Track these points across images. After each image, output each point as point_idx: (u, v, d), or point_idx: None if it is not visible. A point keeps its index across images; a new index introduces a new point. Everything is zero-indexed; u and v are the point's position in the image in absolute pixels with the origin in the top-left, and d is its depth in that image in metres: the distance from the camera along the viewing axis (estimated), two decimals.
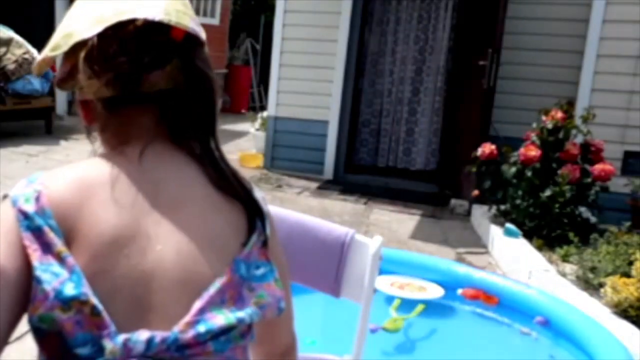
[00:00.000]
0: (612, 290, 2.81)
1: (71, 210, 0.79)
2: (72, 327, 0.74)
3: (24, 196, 0.79)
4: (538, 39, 5.30)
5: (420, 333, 2.83)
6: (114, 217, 0.80)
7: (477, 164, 4.53)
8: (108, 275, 0.77)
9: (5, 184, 4.77)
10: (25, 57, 6.71)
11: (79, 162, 0.86)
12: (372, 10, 6.31)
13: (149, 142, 0.87)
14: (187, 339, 0.78)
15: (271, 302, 0.86)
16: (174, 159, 0.88)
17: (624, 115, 4.94)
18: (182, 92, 0.87)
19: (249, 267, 0.85)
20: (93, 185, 0.81)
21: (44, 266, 0.75)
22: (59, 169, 0.84)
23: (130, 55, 0.84)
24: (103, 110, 0.88)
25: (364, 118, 6.50)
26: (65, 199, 0.79)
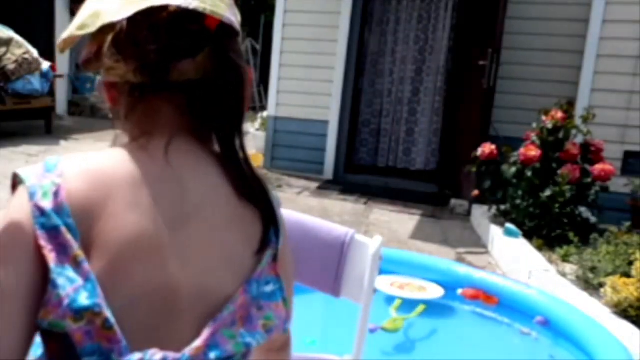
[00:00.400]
0: (612, 290, 2.81)
1: (92, 209, 0.73)
2: (81, 337, 0.70)
3: (42, 189, 0.73)
4: (538, 39, 5.30)
5: (420, 333, 2.83)
6: (136, 222, 0.75)
7: (477, 164, 4.53)
8: (124, 286, 0.73)
9: (5, 184, 4.77)
10: (25, 57, 6.71)
11: (100, 152, 0.81)
12: (372, 10, 6.31)
13: (173, 135, 0.82)
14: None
15: (278, 324, 0.83)
16: (199, 158, 0.84)
17: (624, 115, 4.94)
18: (212, 83, 0.83)
19: (259, 284, 0.82)
20: (116, 183, 0.76)
21: (60, 269, 0.70)
22: (80, 158, 0.78)
23: (160, 43, 0.79)
24: (129, 96, 0.83)
25: (364, 118, 6.51)
26: (86, 196, 0.74)
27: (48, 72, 7.03)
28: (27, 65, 6.71)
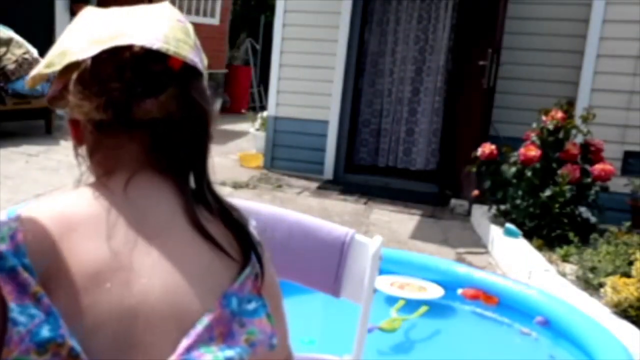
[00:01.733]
0: (612, 290, 2.81)
1: (48, 247, 0.75)
2: None
3: (0, 234, 0.75)
4: (538, 39, 5.30)
5: (420, 333, 2.83)
6: (94, 251, 0.76)
7: (477, 164, 4.54)
8: (89, 311, 0.73)
9: (5, 184, 4.77)
10: (25, 57, 6.71)
11: (61, 194, 0.83)
12: (372, 10, 6.31)
13: (136, 171, 0.84)
14: None
15: (262, 339, 0.82)
16: (161, 191, 0.84)
17: (624, 115, 4.94)
18: (176, 123, 0.84)
19: (241, 301, 0.81)
20: (73, 220, 0.79)
21: (20, 308, 0.71)
22: (40, 203, 0.81)
23: (124, 82, 0.81)
24: (93, 133, 0.85)
25: (364, 118, 6.51)
26: (41, 236, 0.76)
27: None
28: (27, 65, 6.71)
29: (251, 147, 7.10)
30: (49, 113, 7.17)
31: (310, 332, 2.54)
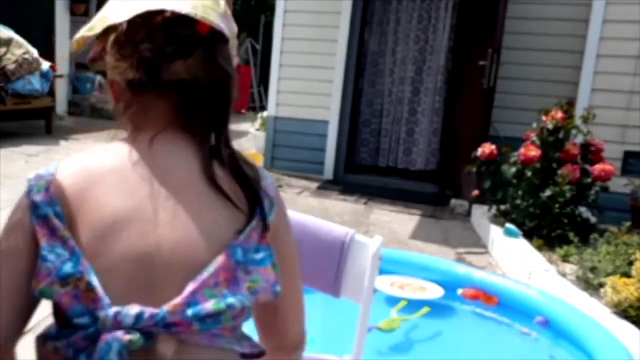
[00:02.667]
0: (612, 290, 2.81)
1: (74, 197, 0.87)
2: (69, 301, 0.83)
3: (37, 187, 0.89)
4: (538, 39, 5.30)
5: (420, 333, 2.83)
6: (115, 201, 0.87)
7: (477, 164, 4.54)
8: (107, 254, 0.84)
9: (5, 184, 4.77)
10: (25, 57, 6.71)
11: (94, 149, 0.95)
12: (372, 10, 6.31)
13: (162, 129, 0.93)
14: (174, 319, 0.84)
15: (265, 286, 0.90)
16: (182, 148, 0.93)
17: (624, 115, 4.94)
18: (201, 85, 0.92)
19: (246, 251, 0.89)
20: (99, 173, 0.89)
21: (50, 248, 0.85)
22: (74, 157, 0.93)
23: (154, 44, 0.90)
24: (126, 92, 0.94)
25: (364, 118, 6.51)
26: (69, 188, 0.88)
27: (48, 72, 7.03)
28: (27, 65, 6.71)
29: (251, 147, 7.10)
30: (49, 113, 7.17)
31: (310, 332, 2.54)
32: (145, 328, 0.83)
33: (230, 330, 0.90)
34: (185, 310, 0.84)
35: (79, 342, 0.84)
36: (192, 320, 0.84)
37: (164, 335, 0.84)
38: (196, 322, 0.85)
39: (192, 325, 0.85)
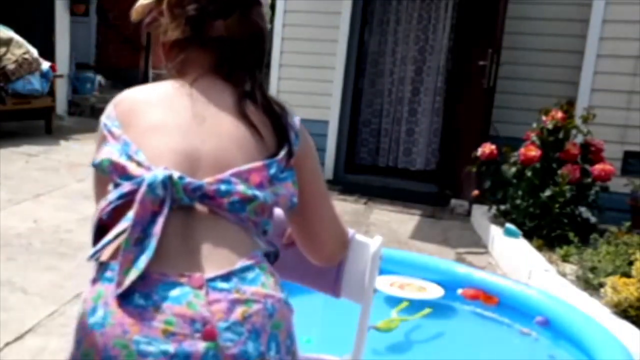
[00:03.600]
0: (612, 290, 2.81)
1: (128, 114, 1.08)
2: (122, 166, 1.02)
3: (106, 113, 1.12)
4: (538, 39, 5.30)
5: (420, 333, 2.83)
6: (161, 114, 1.07)
7: (477, 164, 4.54)
8: (153, 146, 1.03)
9: (5, 184, 4.77)
10: (25, 57, 6.71)
11: (149, 84, 1.16)
12: (372, 10, 6.31)
13: (202, 74, 1.11)
14: (209, 190, 0.99)
15: (285, 194, 1.07)
16: (220, 88, 1.10)
17: (624, 115, 4.94)
18: (238, 41, 1.11)
19: (277, 169, 1.05)
20: (148, 97, 1.11)
21: (114, 142, 1.06)
22: (129, 89, 1.14)
23: (200, 4, 1.09)
24: (175, 48, 1.13)
25: (364, 118, 6.50)
26: (124, 110, 1.09)
27: (48, 72, 7.03)
28: (27, 65, 6.71)
29: None
30: (49, 113, 7.17)
31: (309, 332, 2.54)
32: (184, 189, 0.98)
33: (252, 225, 1.03)
34: (220, 185, 0.99)
35: (127, 187, 1.00)
36: (224, 195, 0.99)
37: (199, 204, 1.00)
38: (227, 199, 0.99)
39: (223, 201, 0.99)
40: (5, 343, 2.50)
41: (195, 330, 0.90)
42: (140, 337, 0.89)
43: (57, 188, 4.87)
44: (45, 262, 3.38)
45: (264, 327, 0.95)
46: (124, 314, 0.91)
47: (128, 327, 0.90)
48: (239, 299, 0.94)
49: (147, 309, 0.91)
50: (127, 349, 0.90)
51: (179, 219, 0.99)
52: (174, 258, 0.96)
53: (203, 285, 0.93)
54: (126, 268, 0.93)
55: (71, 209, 4.33)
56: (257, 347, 0.93)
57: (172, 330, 0.90)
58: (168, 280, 0.93)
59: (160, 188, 0.97)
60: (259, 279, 0.98)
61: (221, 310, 0.92)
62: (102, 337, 0.91)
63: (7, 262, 3.32)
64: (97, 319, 0.93)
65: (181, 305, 0.91)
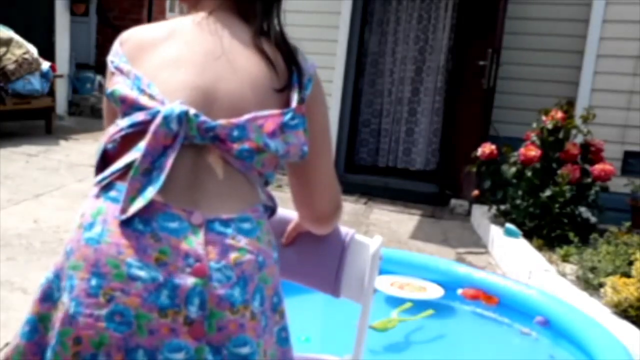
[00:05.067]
0: (612, 290, 2.81)
1: (137, 51, 1.08)
2: (133, 99, 1.01)
3: (113, 51, 1.11)
4: (538, 39, 5.30)
5: (420, 333, 2.83)
6: (175, 47, 1.06)
7: (477, 164, 4.54)
8: (167, 81, 1.02)
9: (5, 184, 4.77)
10: (25, 57, 6.70)
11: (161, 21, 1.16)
12: (372, 10, 6.30)
13: (216, 9, 1.11)
14: (221, 132, 0.99)
15: (296, 142, 1.05)
16: (235, 23, 1.11)
17: (624, 115, 4.94)
18: None
19: (293, 117, 1.04)
20: (158, 34, 1.09)
21: (123, 77, 1.05)
22: (139, 26, 1.14)
23: None
24: None
25: (364, 118, 6.50)
26: (132, 47, 1.09)
27: (48, 72, 7.03)
28: (27, 65, 6.71)
29: None
30: (49, 113, 7.16)
31: (310, 332, 2.54)
32: (197, 127, 0.98)
33: (258, 173, 1.04)
34: (233, 129, 0.99)
35: (140, 117, 0.99)
36: (235, 141, 0.99)
37: (210, 145, 0.99)
38: (237, 145, 0.99)
39: (233, 147, 0.99)
40: (6, 343, 2.50)
41: (187, 265, 0.92)
42: (133, 260, 0.91)
43: (57, 188, 4.87)
44: (45, 262, 3.38)
45: (252, 277, 0.97)
46: (121, 235, 0.93)
47: (123, 249, 0.92)
48: (233, 245, 0.96)
49: (144, 235, 0.93)
50: (118, 269, 0.91)
51: (189, 157, 0.99)
52: (179, 192, 0.97)
53: (202, 225, 0.95)
54: (132, 196, 0.94)
55: (71, 209, 4.33)
56: (242, 293, 0.95)
57: (164, 260, 0.92)
58: (169, 211, 0.95)
59: (175, 122, 0.96)
60: (256, 232, 1.00)
61: (215, 251, 0.94)
62: (95, 252, 0.93)
63: (7, 262, 3.32)
64: (92, 235, 0.94)
65: (178, 238, 0.93)
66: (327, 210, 1.24)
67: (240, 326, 0.93)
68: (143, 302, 0.90)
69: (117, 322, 0.89)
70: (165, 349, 0.89)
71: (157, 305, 0.90)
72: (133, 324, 0.89)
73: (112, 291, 0.90)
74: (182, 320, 0.90)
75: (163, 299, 0.90)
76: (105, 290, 0.90)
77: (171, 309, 0.90)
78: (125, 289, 0.90)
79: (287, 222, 1.44)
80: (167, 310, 0.90)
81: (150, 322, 0.89)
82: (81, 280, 0.92)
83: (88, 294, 0.91)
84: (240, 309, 0.94)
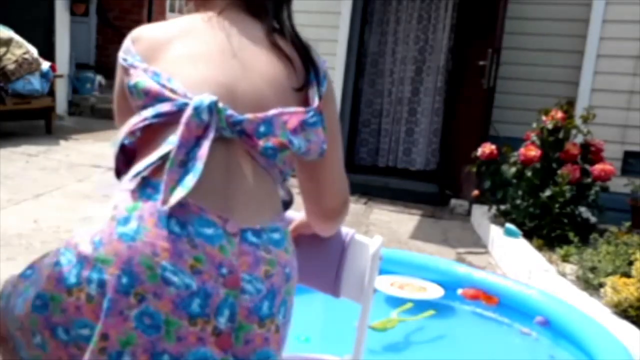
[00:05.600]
0: (612, 290, 2.81)
1: (151, 50, 1.06)
2: (157, 91, 1.01)
3: (124, 48, 1.10)
4: (538, 39, 5.29)
5: (420, 333, 2.83)
6: (191, 44, 1.06)
7: (477, 164, 4.53)
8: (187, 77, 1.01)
9: (5, 184, 4.77)
10: (25, 57, 6.70)
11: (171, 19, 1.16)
12: (372, 10, 6.30)
13: (227, 6, 1.11)
14: (248, 127, 0.99)
15: (316, 140, 1.06)
16: (248, 21, 1.10)
17: (624, 115, 4.94)
18: None
19: (314, 115, 1.05)
20: (171, 33, 1.08)
21: (137, 75, 1.04)
22: (149, 25, 1.13)
23: None
24: None
25: (364, 118, 6.50)
26: (145, 47, 1.07)
27: (48, 72, 7.02)
28: (27, 65, 6.70)
29: None
30: (49, 113, 7.16)
31: (310, 332, 2.54)
32: (226, 120, 0.98)
33: (279, 170, 1.05)
34: (260, 124, 1.00)
35: (166, 107, 0.99)
36: (261, 137, 0.99)
37: (236, 141, 0.99)
38: (262, 142, 0.99)
39: (259, 143, 0.99)
40: None
41: (221, 275, 0.91)
42: (168, 264, 0.89)
43: (57, 188, 4.87)
44: None
45: (280, 290, 0.98)
46: (158, 235, 0.91)
47: (159, 250, 0.90)
48: (264, 257, 0.96)
49: (180, 238, 0.91)
50: (152, 271, 0.89)
51: (220, 153, 0.98)
52: (213, 194, 0.96)
53: (237, 234, 0.95)
54: (172, 186, 0.93)
55: (71, 209, 4.33)
56: (270, 306, 0.95)
57: (199, 268, 0.91)
58: (205, 216, 0.94)
59: (206, 113, 0.96)
60: (284, 243, 1.01)
61: (248, 262, 0.94)
62: (128, 249, 0.90)
63: (7, 262, 3.31)
64: (127, 230, 0.92)
65: (213, 246, 0.92)
66: (337, 205, 1.27)
67: (265, 340, 0.94)
68: (174, 308, 0.89)
69: (146, 324, 0.89)
70: (190, 356, 0.89)
71: (187, 312, 0.89)
72: (162, 328, 0.89)
73: (145, 292, 0.89)
74: (211, 330, 0.90)
75: (194, 307, 0.90)
76: (137, 290, 0.89)
77: (201, 318, 0.90)
78: (157, 292, 0.89)
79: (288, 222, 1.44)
80: (197, 319, 0.90)
81: (179, 329, 0.89)
82: (111, 276, 0.91)
83: (117, 291, 0.90)
84: (267, 322, 0.94)
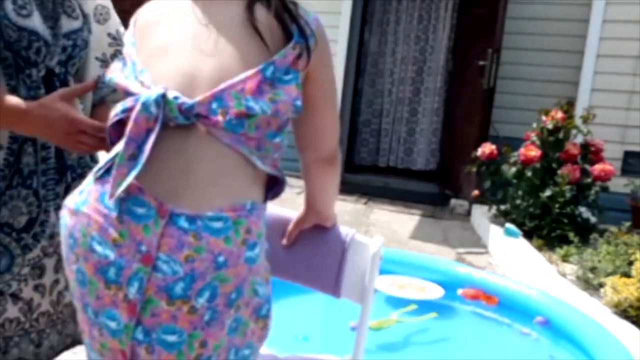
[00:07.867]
0: (612, 290, 2.81)
1: (141, 33, 1.14)
2: (124, 86, 1.07)
3: (129, 28, 1.16)
4: (538, 39, 5.29)
5: (420, 333, 2.83)
6: (166, 32, 1.10)
7: (477, 164, 4.54)
8: (157, 67, 1.07)
9: None
10: None
11: None
12: (372, 10, 6.31)
13: None
14: (201, 109, 1.02)
15: (285, 99, 1.06)
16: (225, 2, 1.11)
17: (624, 115, 4.94)
18: None
19: (276, 70, 1.06)
20: (158, 16, 1.14)
21: (116, 67, 1.13)
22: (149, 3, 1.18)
23: None
24: None
25: (364, 118, 6.50)
26: (139, 28, 1.15)
27: None
28: None
29: None
30: None
31: (310, 332, 2.54)
32: (179, 108, 1.01)
33: (253, 140, 1.05)
34: (211, 102, 1.02)
35: (129, 102, 1.04)
36: (217, 114, 1.01)
37: (196, 125, 1.02)
38: (222, 118, 1.01)
39: (219, 120, 1.01)
40: None
41: (138, 251, 0.99)
42: (96, 234, 1.01)
43: None
44: None
45: (204, 276, 0.99)
46: (95, 208, 1.02)
47: (92, 222, 1.02)
48: (190, 242, 0.99)
49: (111, 214, 1.01)
50: (84, 238, 1.03)
51: (175, 138, 1.03)
52: (160, 179, 1.02)
53: (165, 217, 0.99)
54: (119, 181, 1.00)
55: None
56: (185, 289, 0.99)
57: (120, 242, 1.00)
58: (141, 197, 1.00)
59: (154, 106, 1.01)
60: (226, 232, 1.01)
61: (169, 245, 0.98)
62: (74, 217, 1.05)
63: None
64: (78, 200, 1.07)
65: (138, 224, 0.99)
66: (331, 152, 1.30)
67: (172, 317, 0.99)
68: (95, 272, 1.01)
69: (79, 279, 1.04)
70: (105, 314, 1.02)
71: (104, 277, 1.00)
72: (87, 286, 1.03)
73: (79, 254, 1.04)
74: (122, 297, 1.00)
75: (110, 274, 1.00)
76: (75, 251, 1.04)
77: (115, 284, 1.00)
78: (86, 256, 1.02)
79: (287, 222, 1.44)
80: (111, 285, 1.00)
81: (97, 289, 1.02)
82: (63, 237, 1.08)
83: (65, 247, 1.07)
84: (177, 302, 0.99)
